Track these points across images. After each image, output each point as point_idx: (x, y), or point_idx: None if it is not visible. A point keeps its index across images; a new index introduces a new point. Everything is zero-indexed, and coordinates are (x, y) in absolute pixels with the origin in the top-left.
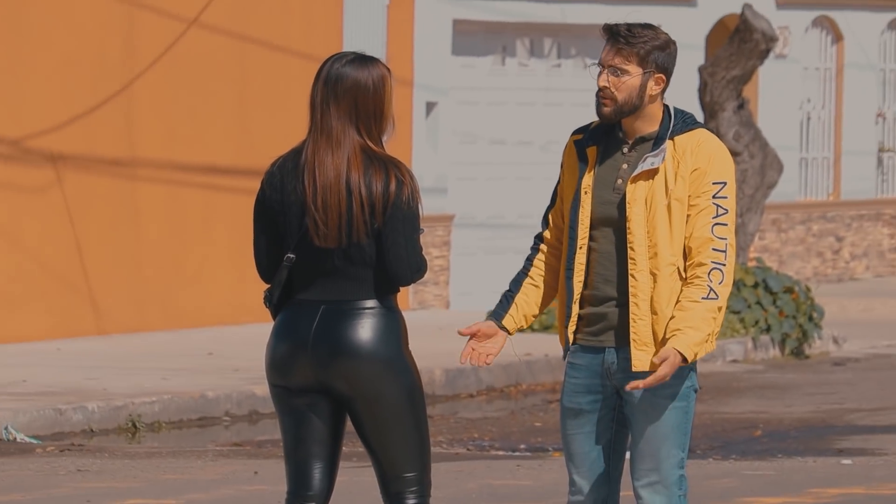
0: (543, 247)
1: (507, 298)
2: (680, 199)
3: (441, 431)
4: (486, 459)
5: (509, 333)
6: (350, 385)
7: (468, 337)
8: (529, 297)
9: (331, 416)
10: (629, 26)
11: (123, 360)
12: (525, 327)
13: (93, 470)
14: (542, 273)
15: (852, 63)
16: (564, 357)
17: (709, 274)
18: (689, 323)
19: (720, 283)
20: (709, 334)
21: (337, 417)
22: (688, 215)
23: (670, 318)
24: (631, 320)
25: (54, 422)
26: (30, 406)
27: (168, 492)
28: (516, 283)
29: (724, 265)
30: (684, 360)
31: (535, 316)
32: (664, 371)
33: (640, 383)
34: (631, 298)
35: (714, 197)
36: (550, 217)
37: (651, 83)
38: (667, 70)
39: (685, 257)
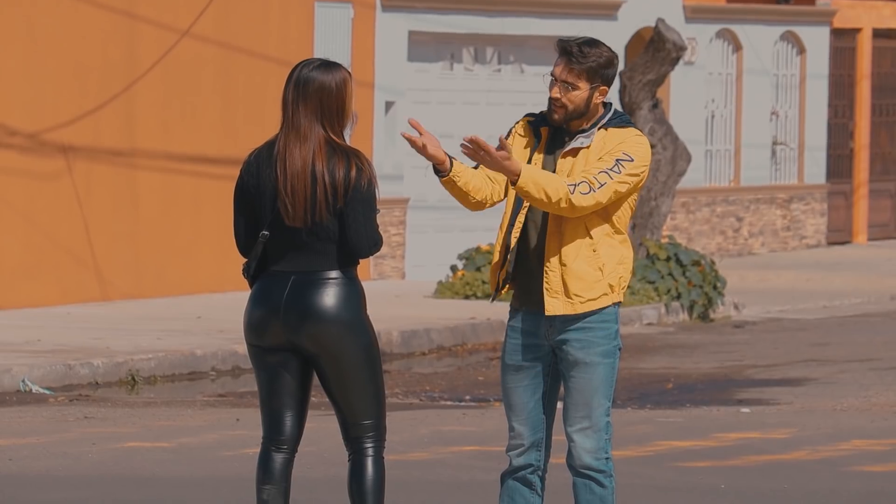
0: (481, 170)
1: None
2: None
3: (397, 384)
4: (436, 409)
5: (450, 169)
6: (316, 344)
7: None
8: (473, 172)
9: (299, 372)
10: (580, 46)
11: (124, 322)
12: (456, 183)
13: (97, 417)
14: (482, 177)
15: (750, 69)
16: (493, 299)
17: (578, 184)
18: (537, 172)
19: (576, 187)
20: (542, 194)
21: (305, 373)
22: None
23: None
24: (544, 272)
25: (64, 375)
26: (43, 362)
27: (162, 436)
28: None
29: (592, 191)
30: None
31: (465, 184)
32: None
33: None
34: (546, 254)
35: (617, 161)
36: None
37: (596, 94)
38: (610, 82)
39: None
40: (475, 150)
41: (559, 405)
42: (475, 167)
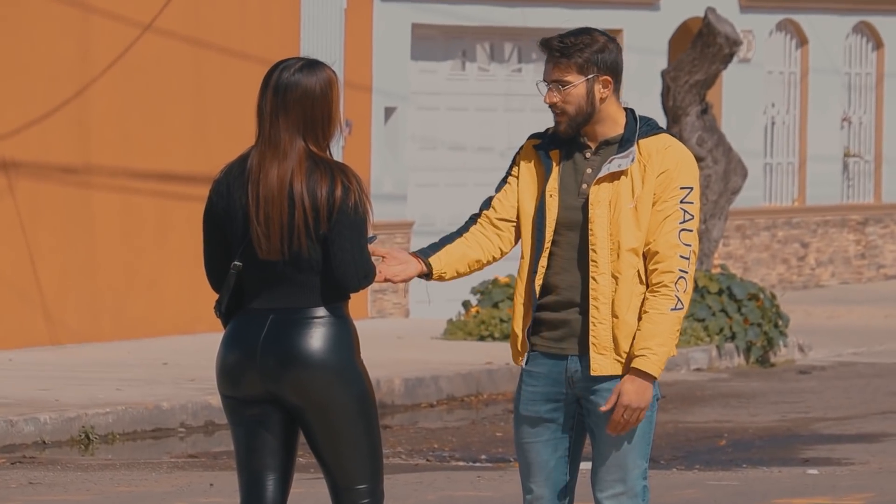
0: (482, 221)
1: (439, 243)
2: (646, 201)
3: (400, 442)
4: (446, 470)
5: (430, 273)
6: (299, 395)
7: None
8: (459, 250)
9: (282, 427)
10: (561, 38)
11: (76, 370)
12: (445, 279)
13: (45, 482)
14: (473, 239)
15: (817, 67)
16: (518, 360)
17: (675, 283)
18: (658, 340)
19: (684, 292)
20: (676, 340)
21: (289, 428)
22: (652, 219)
23: (637, 330)
24: (591, 324)
25: (6, 433)
26: None
27: None
28: (449, 237)
29: (688, 273)
30: (651, 378)
31: (456, 271)
32: (637, 402)
33: (612, 423)
34: (591, 302)
35: (681, 202)
36: (494, 202)
37: (598, 87)
38: (612, 70)
39: (645, 260)
40: None
41: (585, 465)
42: (459, 232)
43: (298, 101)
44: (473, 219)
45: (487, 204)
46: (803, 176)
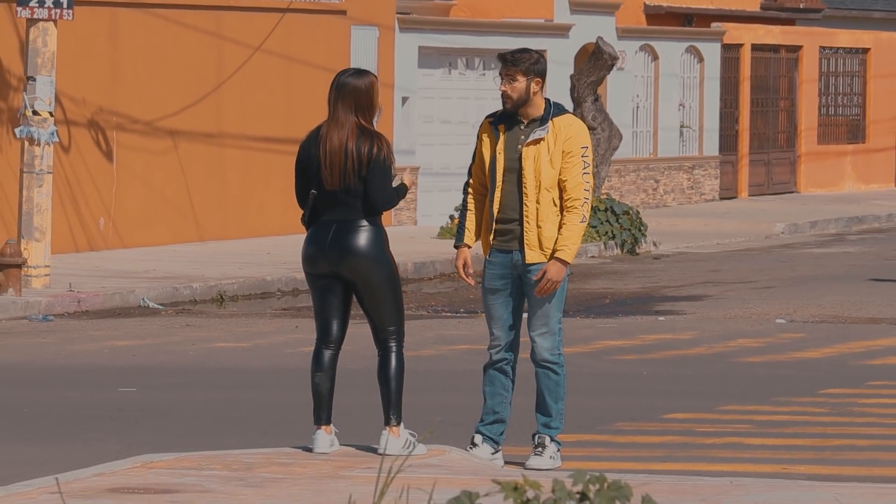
0: (471, 190)
1: (461, 228)
2: (557, 155)
3: (411, 301)
4: (439, 319)
5: (469, 246)
6: (352, 273)
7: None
8: (472, 223)
9: (342, 292)
10: (512, 53)
11: (214, 257)
12: (475, 240)
13: (196, 325)
14: (474, 207)
15: (664, 73)
16: (485, 253)
17: (581, 206)
18: (571, 240)
19: (587, 211)
20: (580, 241)
21: (346, 293)
22: (563, 167)
23: (558, 234)
24: (524, 231)
25: (172, 295)
26: (157, 285)
27: (241, 338)
28: (462, 217)
29: (588, 199)
30: (566, 263)
31: (477, 232)
32: (556, 277)
33: (538, 289)
34: (524, 217)
35: (582, 157)
36: (473, 170)
37: (532, 85)
38: (541, 74)
39: (560, 191)
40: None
41: (524, 316)
42: (465, 207)
43: (351, 94)
44: (465, 190)
45: (469, 173)
46: (656, 139)
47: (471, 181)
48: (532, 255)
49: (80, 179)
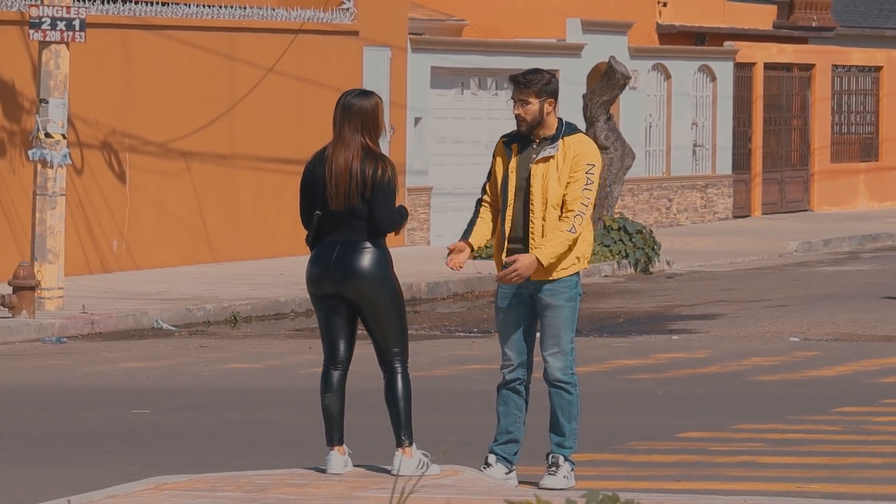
0: (484, 204)
1: (469, 228)
2: (565, 174)
3: (424, 321)
4: (452, 339)
5: (472, 249)
6: (356, 294)
7: (448, 252)
8: (481, 229)
9: (346, 312)
10: (524, 74)
11: (227, 278)
12: (481, 246)
13: (209, 346)
14: (486, 216)
15: (677, 92)
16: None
17: (574, 217)
18: (552, 244)
19: (580, 224)
20: (561, 253)
21: (351, 314)
22: (567, 182)
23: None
24: (530, 248)
25: (185, 316)
26: (170, 306)
27: (255, 359)
28: (472, 222)
29: (585, 214)
30: (541, 263)
31: (486, 240)
32: (523, 271)
33: (500, 274)
34: (530, 234)
35: (587, 173)
36: (487, 187)
37: (545, 106)
38: (554, 95)
39: (563, 207)
40: (507, 280)
41: (537, 336)
42: (477, 216)
43: (356, 114)
44: (479, 203)
45: (483, 191)
46: (669, 158)
47: (485, 197)
48: (539, 273)
49: (93, 201)
